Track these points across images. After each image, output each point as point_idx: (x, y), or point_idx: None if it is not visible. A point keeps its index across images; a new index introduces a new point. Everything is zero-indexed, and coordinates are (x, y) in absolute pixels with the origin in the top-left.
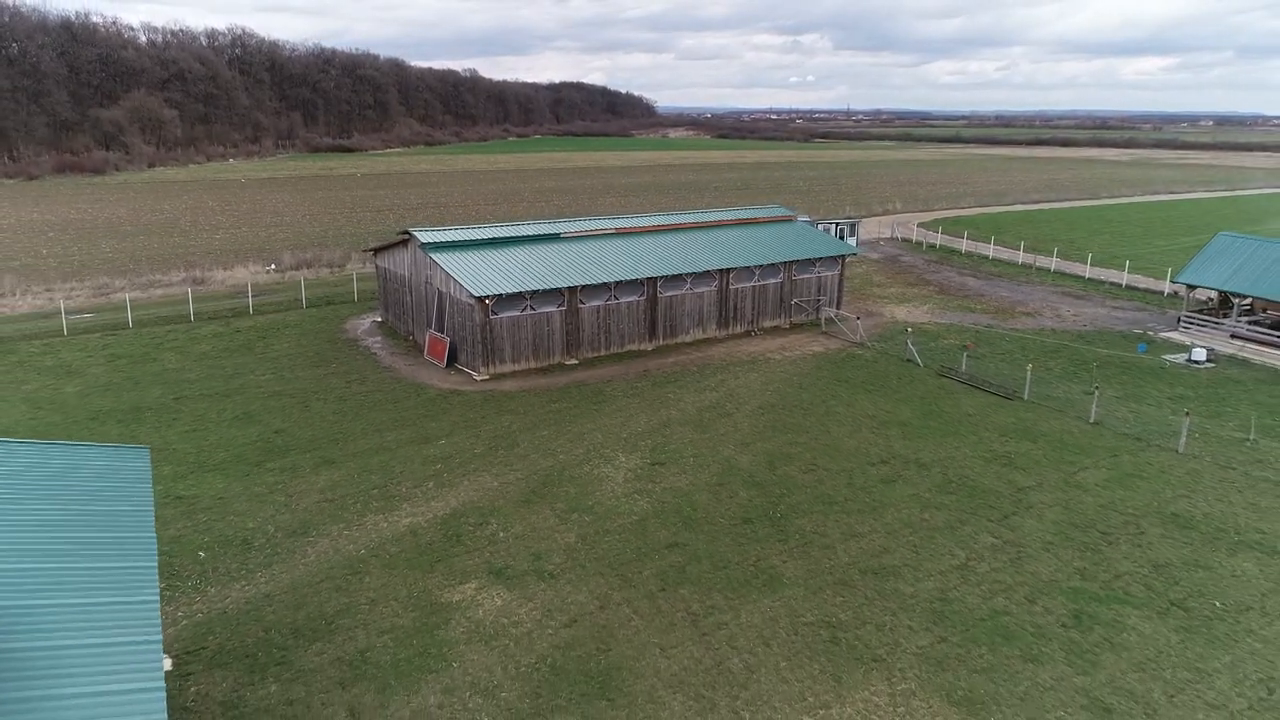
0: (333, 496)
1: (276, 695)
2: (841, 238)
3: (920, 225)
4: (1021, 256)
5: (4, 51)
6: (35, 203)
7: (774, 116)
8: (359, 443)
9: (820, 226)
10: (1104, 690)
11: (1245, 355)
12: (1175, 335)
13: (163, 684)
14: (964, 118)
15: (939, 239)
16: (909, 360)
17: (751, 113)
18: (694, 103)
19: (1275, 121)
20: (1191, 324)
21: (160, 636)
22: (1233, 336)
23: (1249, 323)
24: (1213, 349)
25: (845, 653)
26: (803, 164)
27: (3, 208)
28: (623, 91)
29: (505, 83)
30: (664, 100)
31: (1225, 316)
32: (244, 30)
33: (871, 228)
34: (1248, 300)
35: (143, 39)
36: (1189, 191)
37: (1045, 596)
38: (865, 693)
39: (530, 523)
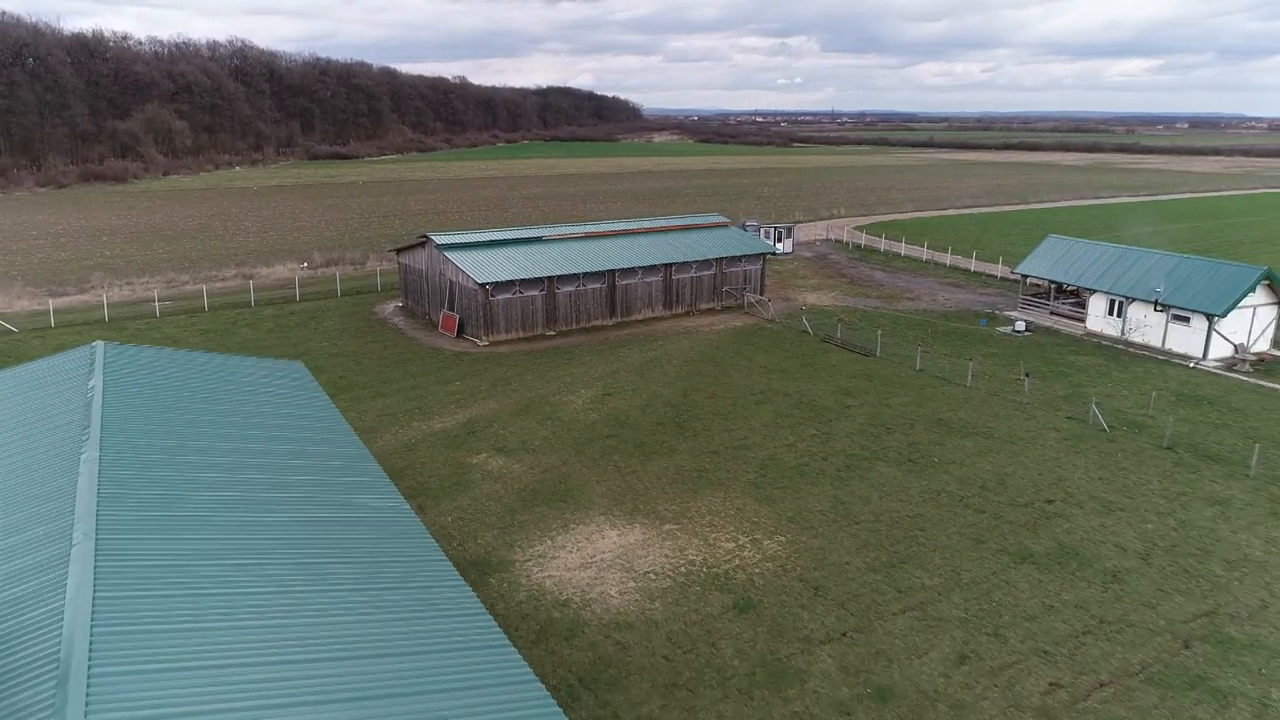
0: (387, 413)
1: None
2: (779, 240)
3: (857, 228)
4: (925, 254)
5: (25, 65)
6: (76, 210)
7: (760, 119)
8: (399, 383)
9: (762, 230)
10: (844, 495)
11: (1058, 327)
12: (1015, 313)
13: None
14: (947, 119)
15: (864, 240)
16: (803, 331)
17: (738, 115)
18: (682, 105)
19: (1253, 123)
20: (1028, 305)
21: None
22: (1051, 313)
23: (1072, 304)
24: (1034, 322)
25: (704, 482)
26: (774, 170)
27: (48, 214)
28: (610, 95)
29: (494, 88)
30: (652, 102)
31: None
32: (244, 42)
33: (815, 230)
34: (1073, 286)
35: (147, 49)
36: (1113, 196)
37: (834, 457)
38: (710, 498)
39: (520, 425)
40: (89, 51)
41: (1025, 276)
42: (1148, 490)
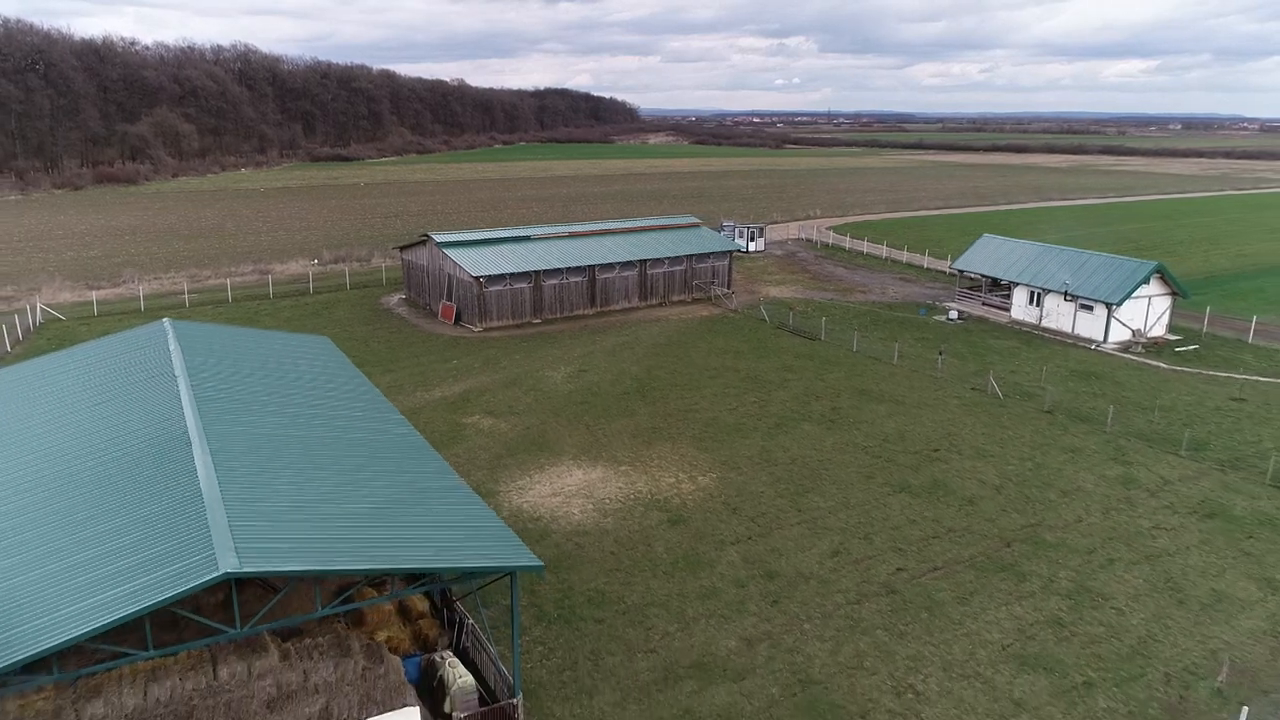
0: (395, 385)
1: None
2: (752, 239)
3: (828, 228)
4: (885, 252)
5: (39, 71)
6: (95, 211)
7: (757, 120)
8: (404, 362)
9: (736, 230)
10: (770, 445)
11: (989, 316)
12: (952, 304)
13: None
14: (944, 120)
15: (832, 239)
16: (761, 319)
17: (736, 116)
18: (680, 105)
19: (1246, 124)
20: (964, 296)
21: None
22: (983, 304)
23: (1002, 296)
24: (967, 312)
25: (658, 437)
26: (762, 171)
27: (69, 215)
28: (607, 96)
29: (491, 91)
30: (650, 103)
31: (992, 292)
32: (247, 46)
33: (789, 230)
34: (1006, 280)
35: (154, 54)
36: (1081, 198)
37: (766, 418)
38: (660, 447)
39: (507, 394)
40: (99, 57)
41: (961, 271)
42: (1018, 442)
